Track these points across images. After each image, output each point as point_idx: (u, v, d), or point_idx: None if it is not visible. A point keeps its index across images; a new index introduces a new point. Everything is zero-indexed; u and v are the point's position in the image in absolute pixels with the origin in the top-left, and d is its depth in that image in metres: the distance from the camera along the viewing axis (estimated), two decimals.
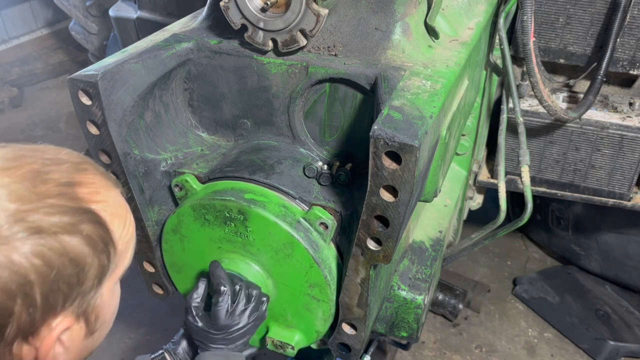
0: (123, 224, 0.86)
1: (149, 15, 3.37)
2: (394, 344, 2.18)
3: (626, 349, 2.90)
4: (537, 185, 2.45)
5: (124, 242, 0.86)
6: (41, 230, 0.71)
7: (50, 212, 0.73)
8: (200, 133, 1.60)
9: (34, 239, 0.71)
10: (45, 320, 0.75)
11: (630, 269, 3.09)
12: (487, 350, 3.04)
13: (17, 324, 0.71)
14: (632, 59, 2.12)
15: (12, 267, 0.69)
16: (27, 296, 0.70)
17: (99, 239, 0.78)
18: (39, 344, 0.75)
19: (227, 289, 1.32)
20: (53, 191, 0.75)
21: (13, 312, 0.70)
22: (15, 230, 0.70)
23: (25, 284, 0.70)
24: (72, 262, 0.74)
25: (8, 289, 0.69)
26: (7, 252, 0.69)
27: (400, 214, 1.14)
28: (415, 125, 1.07)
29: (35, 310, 0.72)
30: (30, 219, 0.71)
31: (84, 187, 0.79)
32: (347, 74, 1.33)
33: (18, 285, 0.69)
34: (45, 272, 0.71)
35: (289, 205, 1.38)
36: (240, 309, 1.32)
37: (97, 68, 1.27)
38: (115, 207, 0.84)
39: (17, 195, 0.71)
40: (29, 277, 0.70)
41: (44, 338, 0.75)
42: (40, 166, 0.76)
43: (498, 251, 3.68)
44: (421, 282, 1.64)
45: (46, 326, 0.75)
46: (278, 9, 1.29)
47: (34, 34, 6.41)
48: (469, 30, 1.61)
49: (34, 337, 0.74)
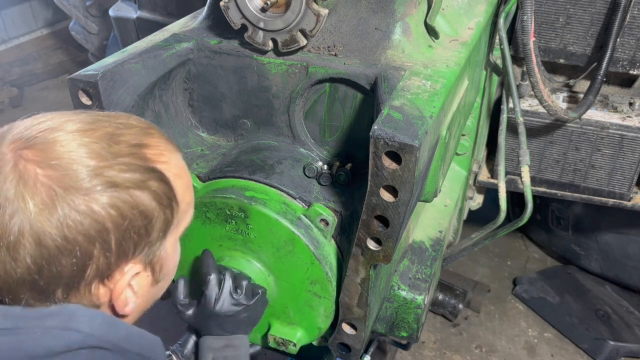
0: (185, 184, 0.93)
1: (149, 15, 3.37)
2: (394, 344, 2.18)
3: (626, 349, 2.89)
4: (537, 185, 2.45)
5: (185, 202, 0.93)
6: (116, 185, 0.80)
7: (123, 169, 0.81)
8: (200, 133, 1.60)
9: (110, 192, 0.79)
10: (119, 265, 0.84)
11: (630, 269, 3.09)
12: (487, 350, 3.04)
13: (96, 266, 0.81)
14: (632, 58, 2.12)
15: (92, 216, 0.78)
16: (104, 242, 0.80)
17: (164, 195, 0.86)
18: (113, 286, 0.85)
19: (214, 276, 1.33)
20: (125, 151, 0.83)
21: (93, 255, 0.80)
22: (95, 184, 0.78)
23: (103, 230, 0.79)
24: (142, 214, 0.83)
25: (89, 235, 0.78)
26: (88, 202, 0.77)
27: (400, 214, 1.14)
28: (415, 125, 1.07)
29: (111, 254, 0.81)
30: (107, 174, 0.79)
31: (150, 149, 0.87)
32: (347, 73, 1.33)
33: (97, 231, 0.78)
34: (119, 222, 0.80)
35: (290, 202, 1.38)
36: (229, 298, 1.32)
37: (97, 68, 1.27)
38: (178, 168, 0.92)
39: (95, 153, 0.80)
40: (106, 225, 0.79)
41: (117, 281, 0.85)
42: (114, 129, 0.85)
43: (498, 251, 3.68)
44: (421, 282, 1.64)
45: (119, 270, 0.84)
46: (278, 9, 1.29)
47: (34, 34, 6.41)
48: (469, 30, 1.61)
49: (109, 279, 0.84)
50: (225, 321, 1.33)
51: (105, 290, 0.85)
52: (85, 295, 0.83)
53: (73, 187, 0.77)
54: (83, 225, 0.77)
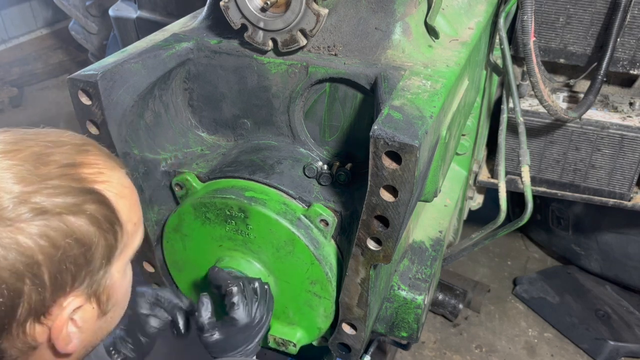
0: (129, 204, 0.85)
1: (149, 15, 3.37)
2: (394, 344, 2.17)
3: (626, 349, 2.89)
4: (537, 185, 2.45)
5: (132, 223, 0.86)
6: (45, 212, 0.72)
7: (53, 193, 0.73)
8: (200, 133, 1.60)
9: (39, 220, 0.71)
10: (56, 300, 0.75)
11: (630, 269, 3.09)
12: (487, 350, 3.04)
13: (28, 303, 0.72)
14: (632, 58, 2.11)
15: (18, 249, 0.70)
16: (35, 276, 0.71)
17: (104, 219, 0.79)
18: (52, 324, 0.76)
19: (238, 287, 1.28)
20: (55, 172, 0.75)
21: (23, 292, 0.71)
22: (20, 212, 0.70)
23: (32, 264, 0.71)
24: (78, 242, 0.75)
25: (16, 270, 0.70)
26: (13, 234, 0.69)
27: (400, 214, 1.14)
28: (416, 125, 1.07)
29: (45, 290, 0.73)
30: (34, 200, 0.71)
31: (86, 167, 0.79)
32: (347, 73, 1.33)
33: (25, 266, 0.70)
34: (51, 253, 0.72)
35: (290, 202, 1.38)
36: (254, 304, 1.29)
37: (96, 68, 1.27)
38: (120, 187, 0.84)
39: (19, 177, 0.72)
40: (35, 257, 0.71)
41: (56, 317, 0.76)
42: (42, 148, 0.77)
43: (498, 251, 3.68)
44: (421, 282, 1.64)
45: (57, 306, 0.76)
46: (278, 9, 1.29)
47: (34, 34, 6.41)
48: (469, 30, 1.61)
49: (45, 317, 0.75)
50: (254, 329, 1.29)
51: (42, 328, 0.76)
52: (19, 336, 0.74)
53: None
54: (7, 260, 0.69)
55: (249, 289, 1.32)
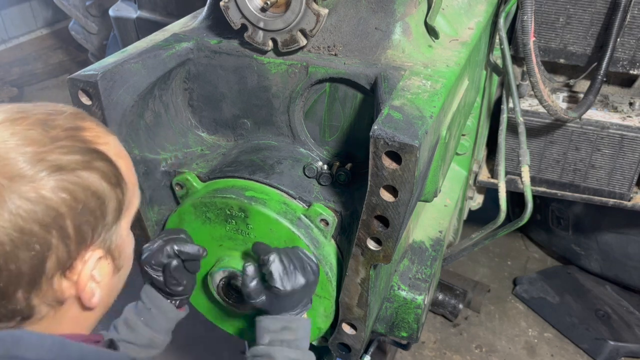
0: (127, 165, 0.91)
1: (149, 15, 3.37)
2: (394, 344, 2.18)
3: (626, 349, 2.90)
4: (537, 185, 2.45)
5: (131, 182, 0.91)
6: (61, 168, 0.77)
7: (65, 151, 0.79)
8: (200, 133, 1.60)
9: (57, 176, 0.76)
10: (79, 253, 0.81)
11: (630, 269, 3.09)
12: (487, 350, 3.04)
13: (56, 256, 0.78)
14: (632, 58, 2.12)
15: (44, 202, 0.75)
16: (61, 228, 0.77)
17: (112, 175, 0.85)
18: (77, 278, 0.82)
19: (273, 257, 1.27)
20: (62, 135, 0.80)
21: (51, 244, 0.76)
22: (38, 169, 0.75)
23: (57, 216, 0.76)
24: (94, 195, 0.81)
25: (45, 223, 0.75)
26: (37, 189, 0.74)
27: (400, 214, 1.14)
28: (416, 125, 1.07)
29: (71, 242, 0.79)
30: (49, 159, 0.76)
31: (87, 131, 0.85)
32: (347, 73, 1.33)
33: (52, 218, 0.75)
34: (73, 205, 0.78)
35: (290, 202, 1.38)
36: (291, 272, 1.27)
37: (97, 68, 1.27)
38: (118, 149, 0.90)
39: (31, 140, 0.77)
40: (60, 210, 0.76)
41: (80, 272, 0.82)
42: (45, 115, 0.82)
43: (498, 251, 3.68)
44: (421, 282, 1.64)
45: (80, 259, 0.82)
46: (278, 9, 1.29)
47: (34, 34, 6.41)
48: (469, 30, 1.61)
49: (70, 271, 0.81)
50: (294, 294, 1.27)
51: (68, 283, 0.82)
52: (48, 292, 0.80)
53: (17, 175, 0.73)
54: (37, 213, 0.74)
55: (287, 258, 1.29)
